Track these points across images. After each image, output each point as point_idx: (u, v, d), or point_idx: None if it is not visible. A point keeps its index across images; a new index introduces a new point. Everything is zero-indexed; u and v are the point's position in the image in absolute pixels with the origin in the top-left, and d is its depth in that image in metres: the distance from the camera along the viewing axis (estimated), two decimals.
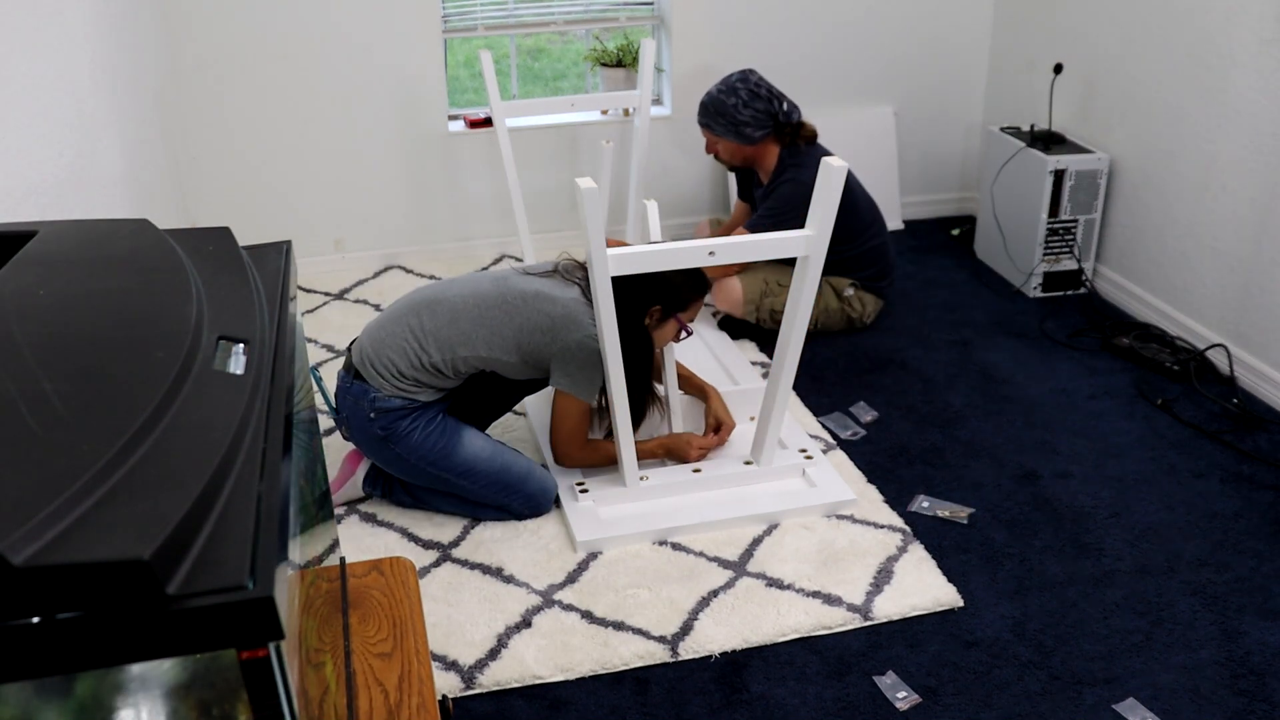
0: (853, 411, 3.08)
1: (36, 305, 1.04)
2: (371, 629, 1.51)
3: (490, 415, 2.76)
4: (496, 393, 2.66)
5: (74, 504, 0.74)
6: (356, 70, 3.84)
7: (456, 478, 2.52)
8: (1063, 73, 3.81)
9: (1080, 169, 3.64)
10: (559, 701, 2.09)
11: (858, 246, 3.42)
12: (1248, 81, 3.08)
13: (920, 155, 4.48)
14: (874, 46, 4.25)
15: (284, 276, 1.23)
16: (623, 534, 2.51)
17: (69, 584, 0.70)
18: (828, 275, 3.39)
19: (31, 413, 0.84)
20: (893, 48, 4.27)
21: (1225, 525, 2.58)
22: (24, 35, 2.13)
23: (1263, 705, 2.06)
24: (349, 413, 2.52)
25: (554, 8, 4.10)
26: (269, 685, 0.78)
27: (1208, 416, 3.03)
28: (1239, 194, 3.15)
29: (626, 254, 2.33)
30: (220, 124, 3.81)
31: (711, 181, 4.31)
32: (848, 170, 2.35)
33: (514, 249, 4.18)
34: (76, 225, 1.26)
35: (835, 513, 2.62)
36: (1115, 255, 3.75)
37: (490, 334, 2.47)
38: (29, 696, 0.74)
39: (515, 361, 2.50)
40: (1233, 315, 3.23)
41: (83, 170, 2.39)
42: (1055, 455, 2.87)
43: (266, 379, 0.99)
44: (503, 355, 2.48)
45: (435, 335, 2.48)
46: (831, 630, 2.26)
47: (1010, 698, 2.09)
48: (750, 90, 3.35)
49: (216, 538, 0.76)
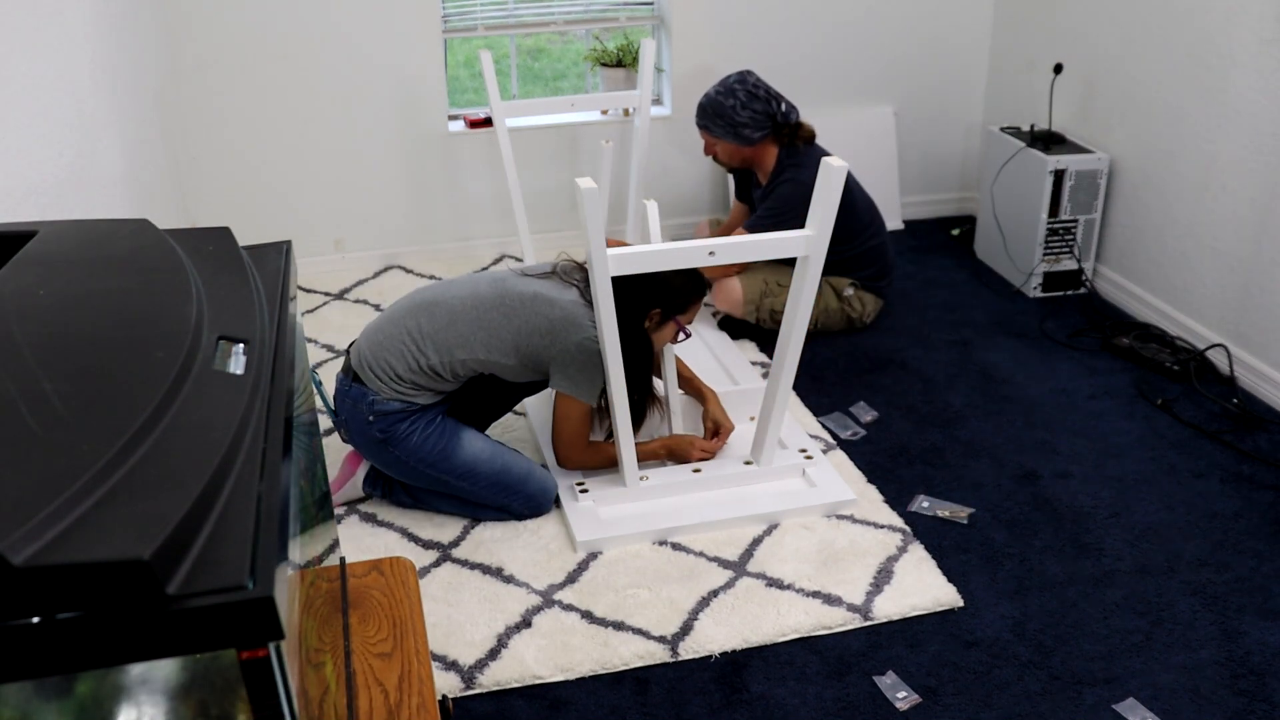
0: (853, 411, 3.08)
1: (36, 305, 1.04)
2: (371, 629, 1.51)
3: (490, 416, 2.76)
4: (496, 394, 2.65)
5: (74, 504, 0.74)
6: (356, 70, 3.84)
7: (456, 479, 2.52)
8: (1063, 73, 3.81)
9: (1080, 169, 3.64)
10: (559, 701, 2.09)
11: (857, 246, 3.42)
12: (1248, 81, 3.08)
13: (920, 155, 4.48)
14: (874, 46, 4.25)
15: (284, 276, 1.23)
16: (623, 534, 2.51)
17: (69, 584, 0.70)
18: (827, 275, 3.39)
19: (31, 413, 0.84)
20: (893, 48, 4.27)
21: (1225, 525, 2.58)
22: (24, 35, 2.13)
23: (1263, 705, 2.06)
24: (348, 415, 2.52)
25: (554, 8, 4.10)
26: (269, 685, 0.78)
27: (1208, 416, 3.03)
28: (1239, 194, 3.15)
29: (626, 254, 2.33)
30: (220, 124, 3.81)
31: (711, 182, 4.31)
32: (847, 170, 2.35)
33: (514, 249, 4.18)
34: (76, 225, 1.26)
35: (835, 513, 2.62)
36: (1115, 255, 3.75)
37: (489, 336, 2.47)
38: (29, 696, 0.74)
39: (514, 364, 2.50)
40: (1233, 315, 3.23)
41: (83, 170, 2.39)
42: (1055, 455, 2.87)
43: (266, 379, 0.99)
44: (501, 358, 2.48)
45: (433, 338, 2.47)
46: (831, 630, 2.26)
47: (1010, 698, 2.09)
48: (748, 91, 3.35)
49: (216, 538, 0.76)
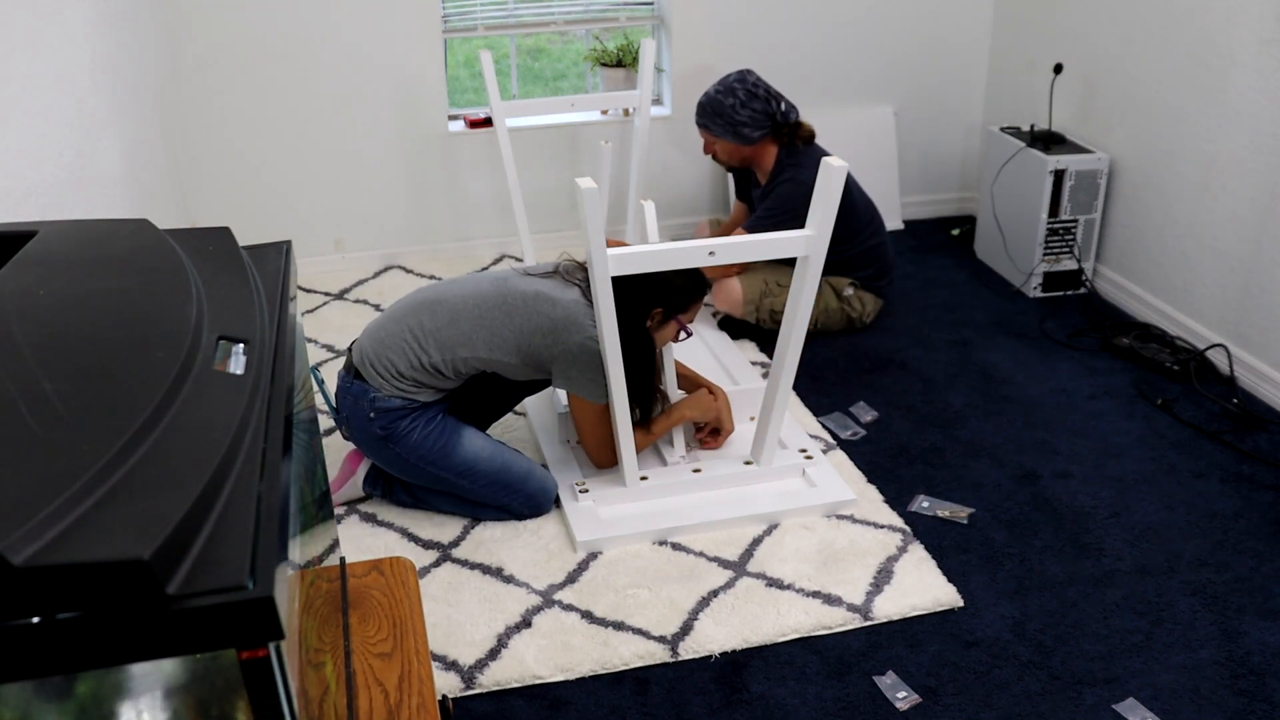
0: (853, 411, 3.08)
1: (36, 305, 1.04)
2: (371, 629, 1.51)
3: (491, 415, 2.76)
4: (497, 393, 2.66)
5: (74, 504, 0.74)
6: (356, 70, 3.84)
7: (456, 477, 2.52)
8: (1063, 73, 3.81)
9: (1080, 169, 3.64)
10: (559, 701, 2.09)
11: (857, 246, 3.42)
12: (1248, 81, 3.08)
13: (920, 155, 4.48)
14: (874, 46, 4.25)
15: (284, 276, 1.23)
16: (623, 534, 2.51)
17: (69, 584, 0.70)
18: (827, 275, 3.40)
19: (31, 413, 0.84)
20: (893, 48, 4.27)
21: (1225, 525, 2.58)
22: (24, 35, 2.13)
23: (1263, 705, 2.06)
24: (349, 412, 2.52)
25: (554, 8, 4.10)
26: (269, 685, 0.78)
27: (1208, 416, 3.03)
28: (1239, 194, 3.15)
29: (626, 254, 2.33)
30: (220, 124, 3.81)
31: (711, 181, 4.31)
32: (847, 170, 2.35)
33: (514, 249, 4.18)
34: (76, 225, 1.26)
35: (835, 513, 2.62)
36: (1115, 255, 3.75)
37: (490, 335, 2.47)
38: (29, 696, 0.74)
39: (516, 363, 2.50)
40: (1233, 315, 3.23)
41: (83, 170, 2.39)
42: (1055, 455, 2.87)
43: (266, 379, 0.99)
44: (503, 356, 2.48)
45: (435, 336, 2.48)
46: (831, 630, 2.26)
47: (1010, 698, 2.09)
48: (748, 90, 3.35)
49: (216, 538, 0.76)
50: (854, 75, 4.27)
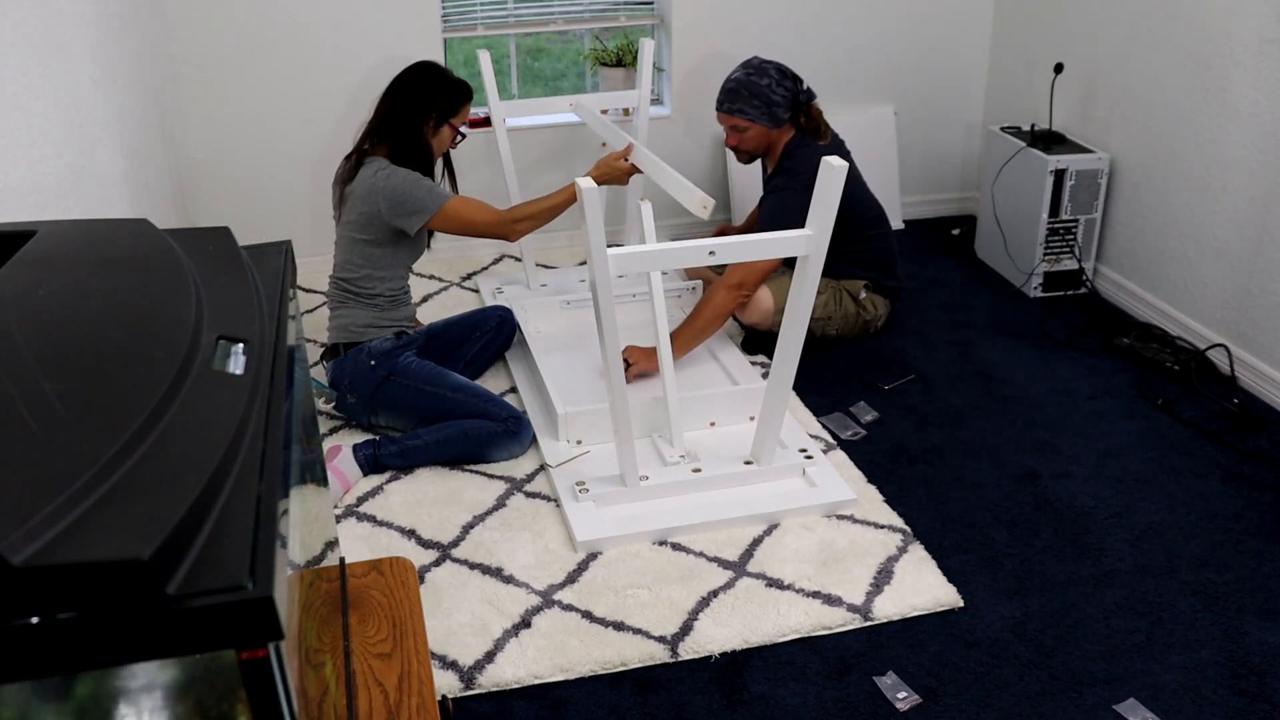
0: (853, 411, 3.08)
1: (36, 305, 1.04)
2: (371, 629, 1.51)
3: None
4: (446, 349, 3.15)
5: (74, 504, 0.74)
6: (356, 70, 3.84)
7: (452, 392, 2.86)
8: (1063, 73, 3.81)
9: (1080, 169, 3.64)
10: (559, 701, 2.09)
11: (865, 244, 3.39)
12: (1248, 81, 3.08)
13: (920, 155, 4.48)
14: (874, 46, 4.25)
15: (284, 276, 1.22)
16: (623, 534, 2.51)
17: (68, 584, 0.70)
18: (841, 279, 3.37)
19: (31, 413, 0.84)
20: (893, 48, 4.27)
21: (1226, 525, 2.58)
22: (24, 35, 2.12)
23: (1263, 705, 2.06)
24: (350, 379, 2.87)
25: (554, 8, 4.10)
26: (268, 685, 0.78)
27: (1208, 416, 3.03)
28: (1239, 194, 3.15)
29: (626, 253, 2.33)
30: (220, 124, 3.81)
31: (711, 182, 4.31)
32: (849, 169, 2.35)
33: (513, 248, 4.18)
34: (76, 225, 1.26)
35: (835, 513, 2.62)
36: (1115, 255, 3.75)
37: (350, 243, 2.90)
38: (29, 696, 0.74)
39: (383, 238, 2.88)
40: (1233, 315, 3.23)
41: (83, 170, 2.38)
42: (1055, 455, 2.87)
43: (266, 379, 0.99)
44: (374, 247, 2.88)
45: (341, 281, 2.95)
46: (831, 630, 2.26)
47: (1010, 698, 2.08)
48: (778, 69, 3.26)
49: (216, 538, 0.76)
50: (854, 75, 4.27)
